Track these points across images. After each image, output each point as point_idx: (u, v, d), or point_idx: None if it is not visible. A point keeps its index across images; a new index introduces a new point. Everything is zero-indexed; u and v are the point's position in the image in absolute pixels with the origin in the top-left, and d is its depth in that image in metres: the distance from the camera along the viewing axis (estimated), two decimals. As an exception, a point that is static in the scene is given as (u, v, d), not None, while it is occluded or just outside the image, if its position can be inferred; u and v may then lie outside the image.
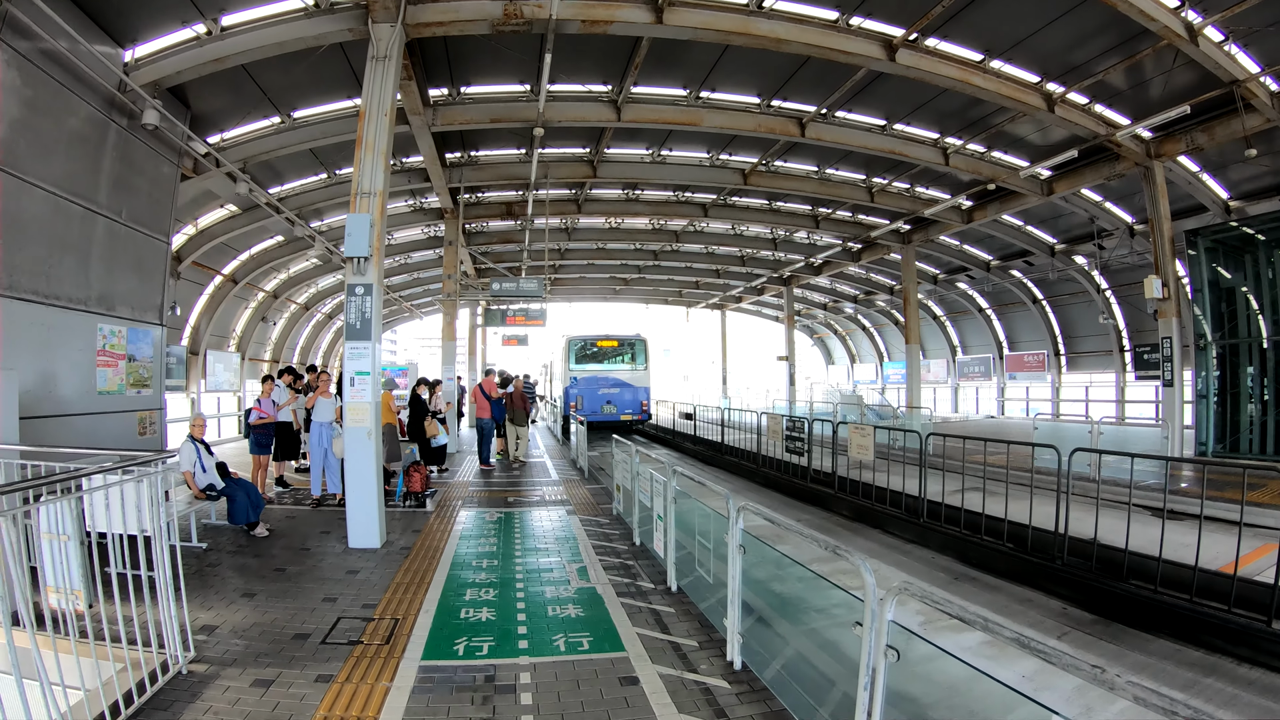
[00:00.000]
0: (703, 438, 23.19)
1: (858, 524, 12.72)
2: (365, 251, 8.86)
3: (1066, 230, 24.06)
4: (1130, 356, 26.15)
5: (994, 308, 31.69)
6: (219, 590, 7.07)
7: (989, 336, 32.40)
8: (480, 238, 24.65)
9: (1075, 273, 25.56)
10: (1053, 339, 29.34)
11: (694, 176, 18.94)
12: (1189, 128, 15.68)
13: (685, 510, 7.33)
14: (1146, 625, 7.57)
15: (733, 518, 5.47)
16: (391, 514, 10.80)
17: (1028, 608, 8.44)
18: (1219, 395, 17.04)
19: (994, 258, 27.48)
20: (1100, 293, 25.97)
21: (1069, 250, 24.75)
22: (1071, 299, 27.58)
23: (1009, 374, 31.54)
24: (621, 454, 10.55)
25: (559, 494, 12.86)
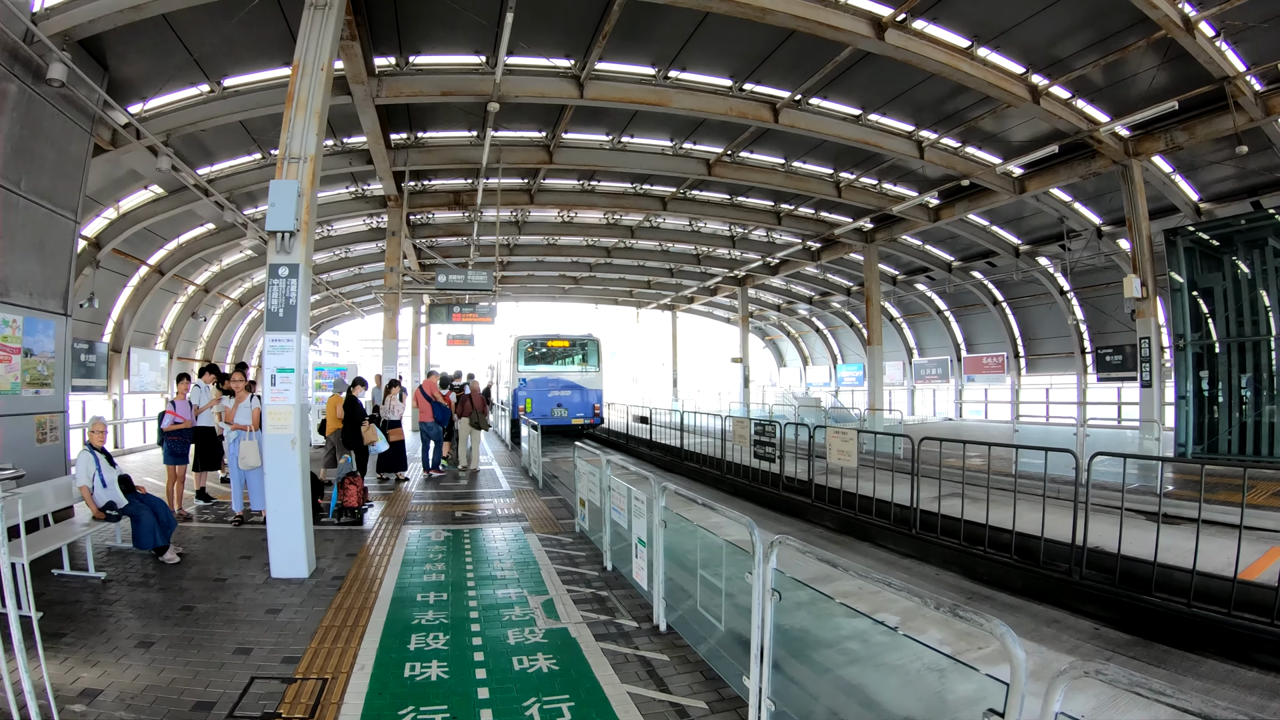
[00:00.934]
0: (660, 443, 22.04)
1: (844, 537, 11.71)
2: (291, 225, 7.44)
3: (1031, 231, 23.68)
4: (1092, 358, 25.81)
5: (953, 309, 31.26)
6: (111, 637, 5.68)
7: (947, 338, 31.96)
8: (425, 230, 23.14)
9: (1039, 274, 25.13)
10: (1012, 341, 28.98)
11: (655, 165, 17.80)
12: (1169, 126, 15.42)
13: (678, 535, 6.12)
14: (1188, 643, 6.89)
15: (759, 553, 4.25)
16: (324, 533, 9.39)
17: (1059, 630, 7.59)
18: (1196, 396, 16.59)
19: (956, 259, 26.94)
20: (1063, 294, 25.58)
21: (1033, 251, 24.32)
22: (1033, 301, 27.22)
23: (967, 376, 31.11)
24: (587, 465, 9.27)
25: (512, 507, 11.56)
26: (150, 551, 7.98)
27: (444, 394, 15.72)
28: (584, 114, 15.47)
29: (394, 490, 13.06)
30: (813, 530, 12.19)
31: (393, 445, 14.11)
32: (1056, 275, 25.16)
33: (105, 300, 19.28)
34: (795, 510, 13.32)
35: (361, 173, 17.88)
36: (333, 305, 37.07)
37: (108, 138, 12.57)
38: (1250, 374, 16.09)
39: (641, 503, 6.54)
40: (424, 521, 10.33)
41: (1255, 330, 15.94)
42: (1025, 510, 9.11)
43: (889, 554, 10.67)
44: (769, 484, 14.49)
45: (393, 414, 14.32)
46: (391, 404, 14.57)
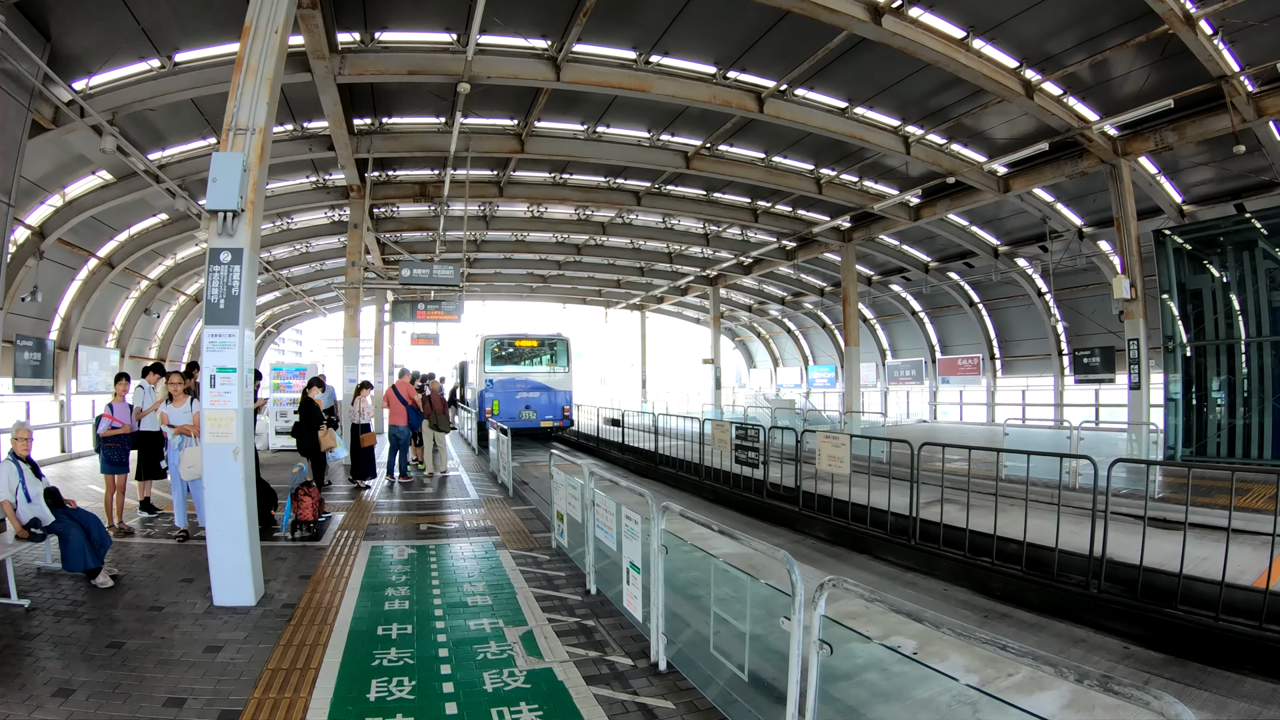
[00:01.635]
0: (633, 446, 21.22)
1: (838, 548, 11.01)
2: (234, 204, 6.50)
3: (1011, 232, 23.35)
4: (1069, 360, 25.51)
5: (927, 310, 30.91)
6: (26, 683, 4.78)
7: (921, 340, 31.59)
8: (389, 224, 22.08)
9: (1017, 275, 24.78)
10: (988, 342, 28.65)
11: (632, 157, 17.01)
12: (1159, 126, 15.15)
13: (682, 561, 5.31)
14: (1222, 660, 6.45)
15: (800, 597, 3.46)
16: (276, 551, 8.48)
17: (1087, 651, 7.02)
18: (1185, 398, 16.46)
19: (933, 259, 26.53)
20: (1041, 296, 25.27)
21: (1012, 252, 23.99)
22: (1009, 302, 26.91)
23: (942, 378, 30.72)
24: (566, 475, 8.39)
25: (481, 518, 10.67)
26: (82, 574, 7.04)
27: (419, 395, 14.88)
28: (559, 102, 14.67)
29: (355, 500, 12.09)
30: (803, 541, 11.47)
31: (366, 451, 13.35)
32: (1034, 276, 24.86)
33: (51, 295, 18.03)
34: (782, 519, 12.61)
35: (322, 160, 16.84)
36: (294, 303, 35.80)
37: (49, 115, 11.61)
38: (1227, 376, 15.97)
39: (635, 523, 5.73)
40: (386, 536, 9.41)
41: (1246, 332, 15.79)
42: (1031, 518, 8.47)
43: (889, 567, 10.01)
44: (752, 491, 13.76)
45: (363, 417, 13.42)
46: (361, 406, 13.66)
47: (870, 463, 11.50)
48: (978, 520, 9.08)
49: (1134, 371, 16.20)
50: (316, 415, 10.57)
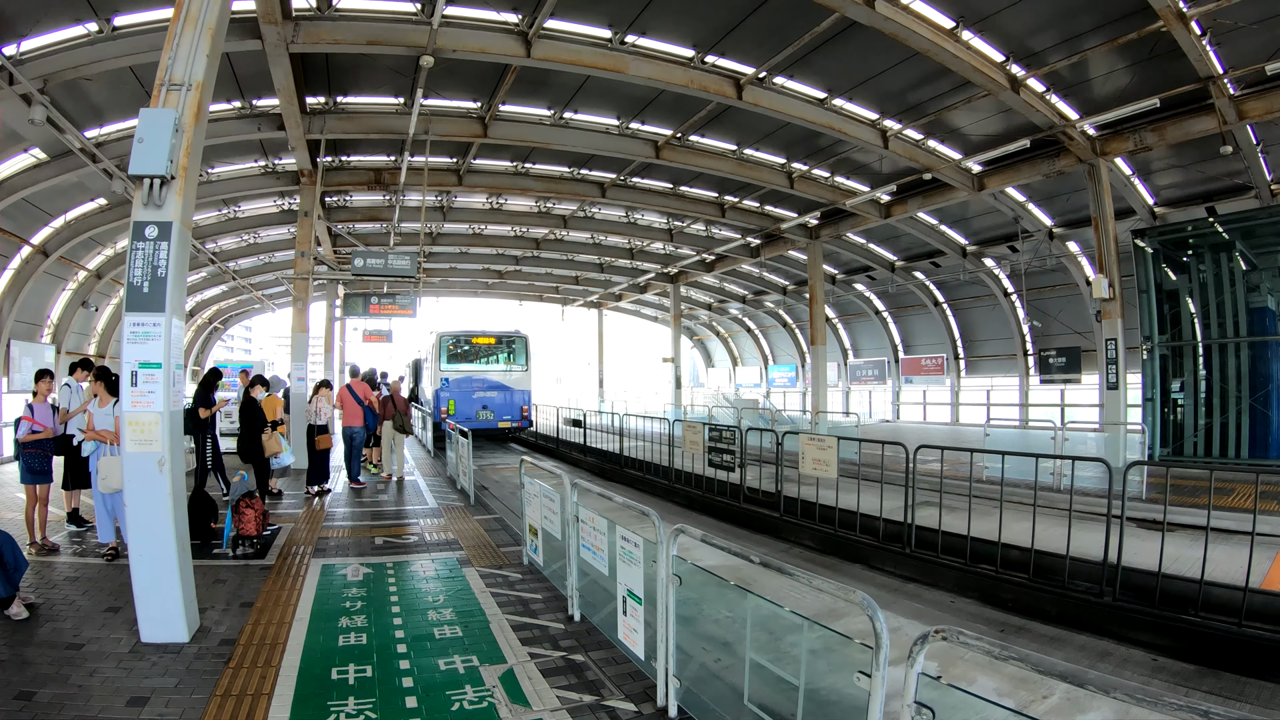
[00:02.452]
0: (596, 448, 20.32)
1: (829, 557, 10.30)
2: (162, 168, 5.50)
3: (980, 232, 23.11)
4: (1034, 360, 25.32)
5: (891, 310, 30.59)
6: None
7: (884, 339, 31.27)
8: (342, 213, 20.87)
9: (985, 275, 24.49)
10: (953, 342, 28.38)
11: (600, 145, 16.13)
12: (1138, 127, 15.04)
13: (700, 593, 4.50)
14: (1256, 669, 6.11)
15: (884, 651, 2.67)
16: (216, 571, 7.46)
17: (1116, 666, 6.56)
18: (1161, 398, 16.32)
19: (899, 258, 26.15)
20: (1007, 296, 25.03)
21: (980, 252, 23.69)
22: (975, 302, 26.69)
23: (905, 378, 30.40)
24: (541, 485, 7.45)
25: (442, 530, 9.73)
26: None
27: (375, 394, 13.92)
28: (526, 84, 13.77)
29: (305, 509, 11.03)
30: (791, 551, 10.74)
31: (320, 454, 12.26)
32: (1001, 276, 24.60)
33: (-21, 285, 16.61)
34: (762, 526, 11.89)
35: (272, 142, 15.65)
36: (241, 297, 34.12)
37: (-28, 83, 10.39)
38: (1215, 377, 15.72)
39: (635, 546, 4.87)
40: (338, 551, 8.41)
41: (1219, 334, 15.62)
42: (1020, 522, 8.18)
43: (887, 578, 9.35)
44: (727, 496, 13.01)
45: (319, 418, 12.37)
46: (319, 407, 12.59)
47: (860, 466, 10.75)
48: (972, 525, 8.53)
49: (1112, 371, 15.98)
50: (259, 417, 9.42)
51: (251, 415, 9.25)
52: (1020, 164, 17.21)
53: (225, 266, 25.56)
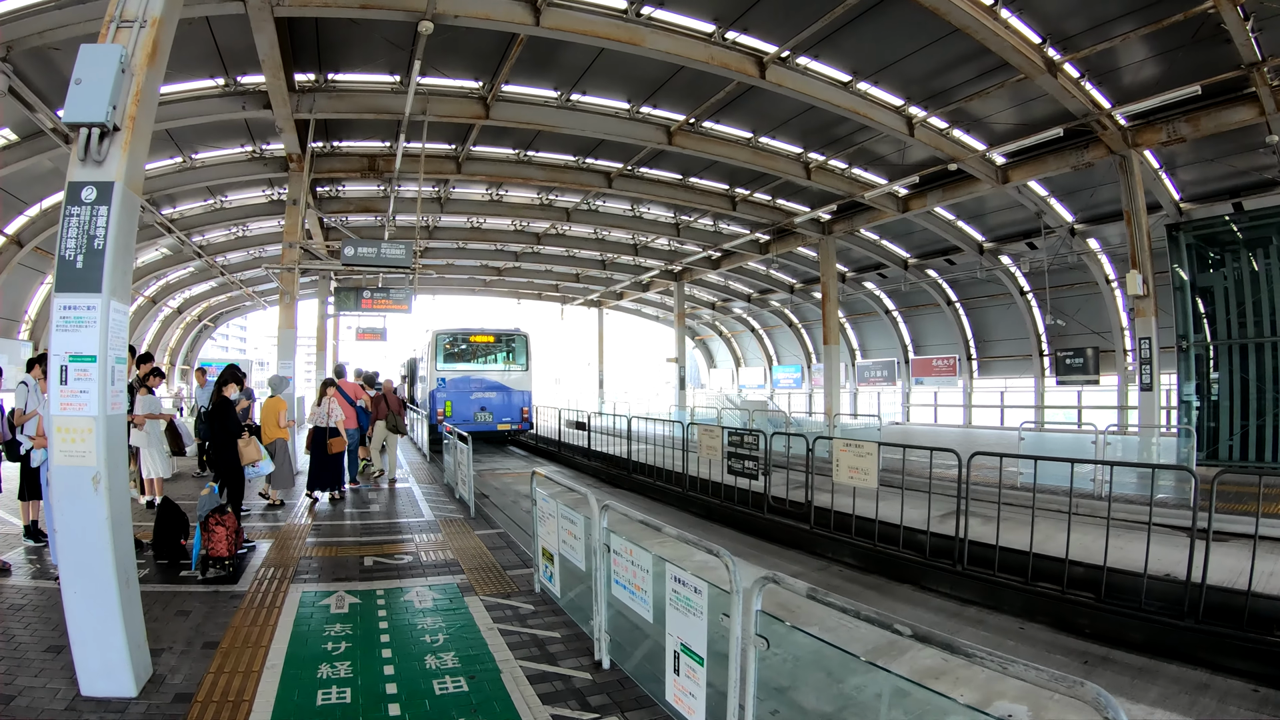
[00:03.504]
0: (601, 452, 19.12)
1: (872, 576, 9.22)
2: (102, 115, 4.38)
3: (996, 229, 22.16)
4: (1050, 361, 24.32)
5: (901, 309, 29.56)
6: None
7: (894, 339, 30.21)
8: (334, 204, 19.65)
9: (1001, 273, 23.49)
10: (965, 342, 27.31)
11: (609, 130, 14.99)
12: (1172, 117, 14.27)
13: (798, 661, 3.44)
14: None
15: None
16: (178, 600, 6.35)
17: (1220, 702, 5.71)
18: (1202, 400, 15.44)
19: (913, 255, 25.09)
20: (1023, 295, 24.04)
21: (997, 249, 22.69)
22: (990, 301, 25.69)
23: (915, 378, 29.33)
24: (558, 506, 6.28)
25: (439, 547, 8.56)
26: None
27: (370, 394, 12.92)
28: (531, 62, 12.72)
29: (286, 522, 9.91)
30: (829, 569, 9.62)
31: (334, 458, 11.43)
32: (1017, 274, 23.63)
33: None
34: (790, 539, 10.77)
35: (259, 124, 14.50)
36: (232, 294, 32.90)
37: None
38: (1253, 378, 14.81)
39: (695, 593, 3.79)
40: (321, 575, 7.25)
41: (1257, 332, 14.65)
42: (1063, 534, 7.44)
43: (942, 599, 8.26)
44: (749, 505, 11.91)
45: (330, 420, 11.49)
46: (331, 408, 11.63)
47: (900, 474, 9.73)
48: (1018, 536, 7.76)
49: (1146, 372, 15.15)
50: (233, 420, 8.24)
51: (224, 417, 8.04)
52: (1047, 155, 16.32)
53: (214, 261, 24.37)
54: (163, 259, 23.53)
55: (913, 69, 13.28)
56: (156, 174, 16.06)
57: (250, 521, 9.64)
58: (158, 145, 14.96)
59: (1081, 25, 11.77)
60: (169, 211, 18.82)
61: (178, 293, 29.94)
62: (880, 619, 2.72)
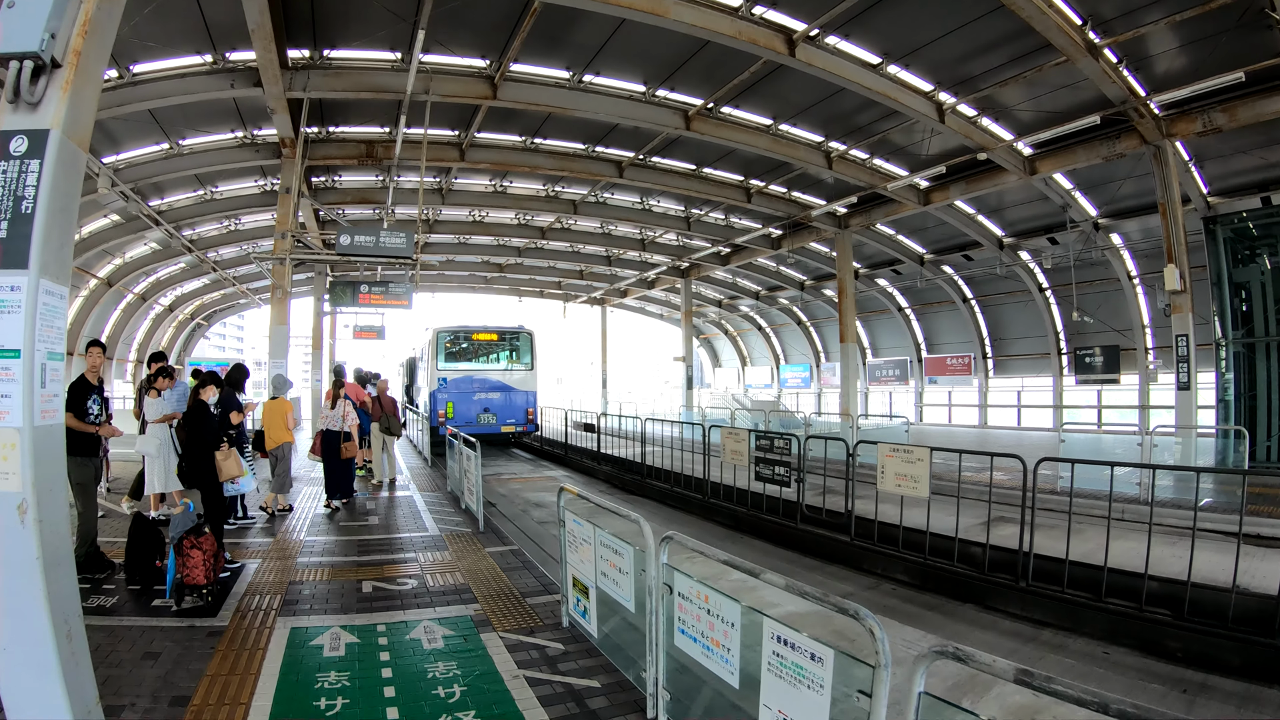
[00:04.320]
0: (612, 455, 18.04)
1: (931, 595, 8.29)
2: (36, 43, 3.38)
3: (1016, 223, 21.25)
4: (1068, 359, 23.43)
5: (914, 307, 28.61)
6: None
7: (906, 337, 29.25)
8: (329, 195, 18.59)
9: (1020, 270, 22.58)
10: (980, 340, 26.37)
11: (624, 113, 14.00)
12: (1207, 106, 13.42)
13: None
14: None
15: None
16: (147, 636, 5.39)
17: None
18: (1237, 399, 14.94)
19: (929, 251, 24.12)
20: (1042, 291, 23.13)
21: (1017, 244, 21.78)
22: (1007, 298, 24.78)
23: (929, 377, 28.36)
24: (588, 526, 5.27)
25: (447, 568, 7.53)
26: None
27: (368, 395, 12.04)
28: (544, 38, 11.78)
29: (277, 538, 8.91)
30: (879, 586, 8.66)
31: (346, 463, 10.81)
32: (1036, 271, 22.73)
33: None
34: (829, 553, 9.80)
35: (250, 109, 13.49)
36: (225, 291, 31.76)
37: None
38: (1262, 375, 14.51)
39: (808, 660, 2.82)
40: (314, 605, 6.22)
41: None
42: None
43: (1014, 621, 7.35)
44: (780, 515, 10.94)
45: (344, 423, 10.77)
46: (345, 411, 10.86)
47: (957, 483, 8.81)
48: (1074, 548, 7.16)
49: (1183, 370, 14.36)
50: (209, 428, 7.15)
51: (200, 423, 6.96)
52: (1076, 146, 15.49)
53: (205, 256, 23.29)
54: (151, 253, 22.46)
55: (944, 52, 12.47)
56: (142, 161, 15.05)
57: (240, 537, 8.66)
58: (142, 129, 13.95)
59: (1119, 9, 11.13)
60: (157, 203, 17.75)
61: (169, 290, 28.78)
62: None
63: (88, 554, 6.81)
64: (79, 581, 6.67)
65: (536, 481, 16.51)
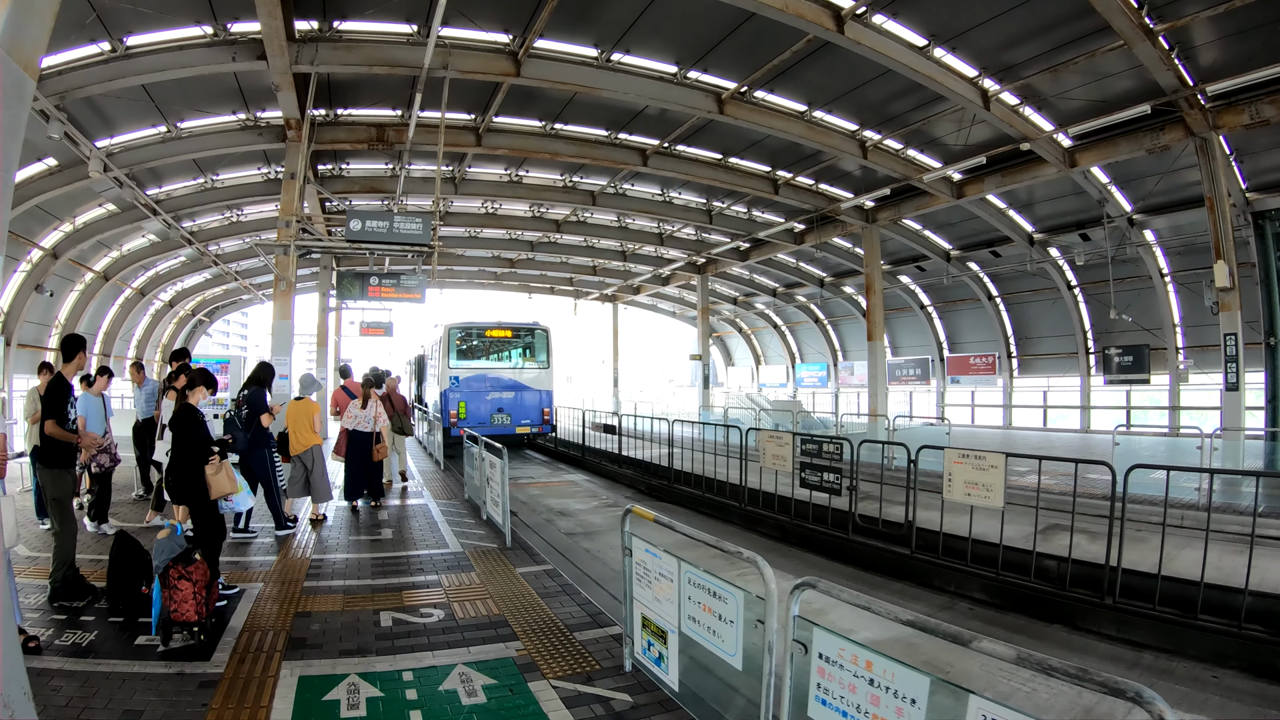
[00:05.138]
0: (635, 458, 16.88)
1: (1013, 615, 7.31)
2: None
3: (1046, 218, 20.30)
4: (1095, 359, 22.45)
5: (936, 304, 27.57)
6: None
7: (928, 335, 28.21)
8: (337, 183, 17.51)
9: (1049, 266, 21.63)
10: (1005, 339, 25.37)
11: (654, 94, 13.00)
12: (1255, 98, 12.87)
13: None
14: None
15: None
16: (126, 689, 4.38)
17: None
18: None
19: (955, 246, 23.12)
20: (1070, 289, 22.16)
21: (1047, 240, 20.82)
22: (1034, 296, 23.80)
23: (950, 377, 27.32)
24: (663, 557, 4.24)
25: (477, 595, 6.46)
26: None
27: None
28: (571, 12, 10.87)
29: (282, 553, 7.89)
30: (954, 605, 7.64)
31: (377, 466, 10.36)
32: (1065, 268, 21.77)
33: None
34: (887, 566, 8.78)
35: (253, 88, 12.48)
36: (228, 286, 30.68)
37: None
38: None
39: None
40: (325, 645, 5.15)
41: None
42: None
43: (1110, 645, 6.42)
44: (827, 524, 9.92)
45: (375, 424, 10.20)
46: (377, 411, 10.24)
47: (1036, 491, 7.87)
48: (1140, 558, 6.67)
49: (1231, 370, 13.57)
50: (198, 437, 5.95)
51: (187, 430, 5.79)
52: (1119, 138, 14.69)
53: (205, 249, 22.22)
54: (150, 246, 21.39)
55: (992, 36, 11.72)
56: (138, 144, 14.00)
57: (240, 554, 7.63)
58: (137, 110, 12.91)
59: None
60: (154, 191, 16.68)
61: (169, 285, 27.67)
62: None
63: (65, 578, 5.80)
64: (54, 610, 5.69)
65: (556, 486, 15.48)
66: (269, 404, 8.55)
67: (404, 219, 11.63)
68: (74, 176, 14.20)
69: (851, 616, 3.08)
